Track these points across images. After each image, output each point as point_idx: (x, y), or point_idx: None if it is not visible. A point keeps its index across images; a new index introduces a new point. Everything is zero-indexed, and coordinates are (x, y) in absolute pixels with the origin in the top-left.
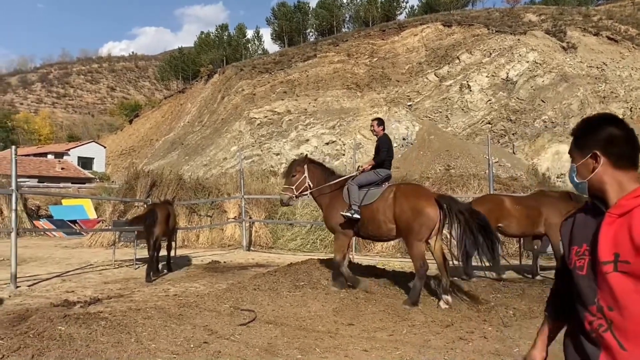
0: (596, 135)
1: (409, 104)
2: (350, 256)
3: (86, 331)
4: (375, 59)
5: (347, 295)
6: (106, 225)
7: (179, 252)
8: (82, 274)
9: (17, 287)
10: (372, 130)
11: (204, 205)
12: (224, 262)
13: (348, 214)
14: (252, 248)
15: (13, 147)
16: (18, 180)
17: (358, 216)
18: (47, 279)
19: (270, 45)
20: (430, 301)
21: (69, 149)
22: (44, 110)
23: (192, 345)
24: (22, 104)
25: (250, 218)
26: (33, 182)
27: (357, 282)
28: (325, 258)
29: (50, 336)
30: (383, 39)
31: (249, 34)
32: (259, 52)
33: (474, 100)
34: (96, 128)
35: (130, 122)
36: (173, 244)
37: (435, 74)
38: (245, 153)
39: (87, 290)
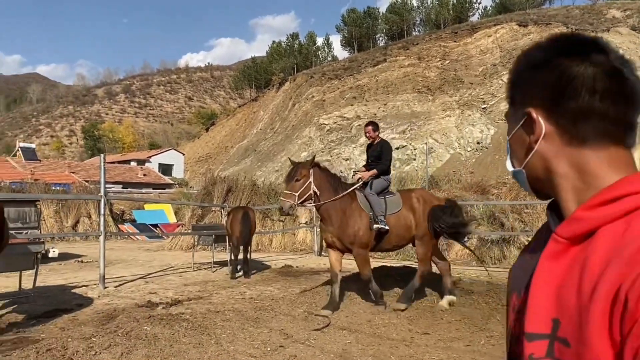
0: (536, 77)
1: (483, 106)
2: None
3: (169, 332)
4: (447, 62)
5: (421, 304)
6: (185, 229)
7: (254, 255)
8: (164, 276)
9: (105, 287)
10: (367, 136)
11: (277, 211)
12: (297, 266)
13: (381, 226)
14: (323, 253)
15: (101, 155)
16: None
17: (387, 227)
18: (132, 280)
19: (340, 52)
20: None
21: (150, 156)
22: (127, 119)
23: (269, 349)
24: (107, 114)
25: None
26: (117, 187)
27: (382, 299)
28: (397, 265)
29: (137, 335)
30: (455, 41)
31: (319, 41)
32: (329, 59)
33: None
34: (175, 136)
35: (207, 130)
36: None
37: None
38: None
39: (169, 291)
